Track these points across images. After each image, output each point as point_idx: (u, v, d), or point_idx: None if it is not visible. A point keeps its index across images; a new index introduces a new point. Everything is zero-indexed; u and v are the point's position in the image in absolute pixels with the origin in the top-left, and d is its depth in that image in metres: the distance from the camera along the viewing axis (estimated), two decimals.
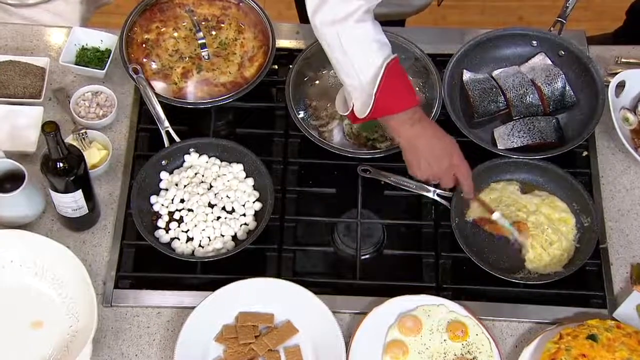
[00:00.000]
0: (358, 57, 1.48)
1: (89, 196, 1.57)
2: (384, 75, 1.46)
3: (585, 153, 1.76)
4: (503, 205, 1.67)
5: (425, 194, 1.67)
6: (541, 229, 1.63)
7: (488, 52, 1.82)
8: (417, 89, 1.78)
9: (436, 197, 1.67)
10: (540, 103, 1.77)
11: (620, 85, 1.77)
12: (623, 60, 1.86)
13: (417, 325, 1.53)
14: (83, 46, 1.81)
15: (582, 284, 1.63)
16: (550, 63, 1.81)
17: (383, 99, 1.48)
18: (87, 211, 1.58)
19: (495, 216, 1.63)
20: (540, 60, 1.81)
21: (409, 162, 1.57)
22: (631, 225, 1.68)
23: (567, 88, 1.78)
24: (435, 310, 1.55)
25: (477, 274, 1.59)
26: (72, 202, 1.54)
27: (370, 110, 1.49)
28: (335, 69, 1.53)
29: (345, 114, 1.56)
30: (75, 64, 1.79)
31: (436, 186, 1.68)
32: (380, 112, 1.50)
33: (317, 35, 1.52)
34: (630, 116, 1.77)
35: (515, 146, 1.73)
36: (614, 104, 1.73)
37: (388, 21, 1.92)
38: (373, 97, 1.48)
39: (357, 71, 1.48)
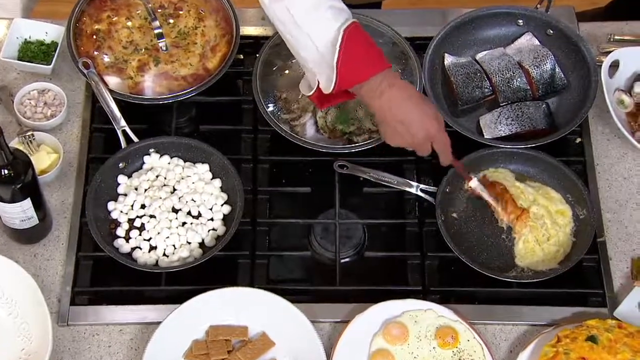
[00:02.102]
0: (313, 27, 1.47)
1: (39, 205, 1.56)
2: (342, 41, 1.46)
3: (578, 140, 1.78)
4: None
5: (407, 189, 1.68)
6: (541, 221, 1.64)
7: (471, 34, 1.83)
8: None
9: (420, 193, 1.68)
10: (528, 87, 1.78)
11: (614, 65, 1.78)
12: (616, 37, 1.87)
13: (404, 332, 1.54)
14: (26, 39, 1.80)
15: (580, 281, 1.64)
16: (538, 43, 1.82)
17: (346, 67, 1.47)
18: (38, 221, 1.57)
19: (473, 184, 1.64)
20: (527, 40, 1.83)
21: (381, 132, 1.57)
22: (630, 216, 1.70)
23: (556, 70, 1.79)
24: (423, 315, 1.56)
25: (466, 274, 1.60)
26: (20, 212, 1.53)
27: (335, 82, 1.48)
28: (292, 47, 1.53)
29: (309, 94, 1.56)
30: (18, 60, 1.78)
31: (419, 181, 1.70)
32: (346, 83, 1.50)
33: (268, 14, 1.52)
34: (626, 98, 1.78)
35: (503, 135, 1.74)
36: (607, 86, 1.75)
37: (363, 4, 1.93)
38: (334, 67, 1.47)
39: (315, 42, 1.48)
